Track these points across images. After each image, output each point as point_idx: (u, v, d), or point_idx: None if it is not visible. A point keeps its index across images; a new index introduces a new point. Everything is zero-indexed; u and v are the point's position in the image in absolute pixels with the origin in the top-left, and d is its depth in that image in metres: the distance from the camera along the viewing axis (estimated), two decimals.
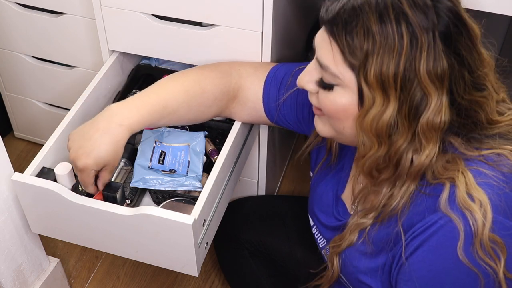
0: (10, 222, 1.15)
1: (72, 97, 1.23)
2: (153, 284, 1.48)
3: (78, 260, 1.53)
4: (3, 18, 1.45)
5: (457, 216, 0.76)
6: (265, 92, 1.10)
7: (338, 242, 0.94)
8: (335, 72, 0.80)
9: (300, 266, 1.25)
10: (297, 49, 1.48)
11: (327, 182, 1.05)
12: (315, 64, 0.85)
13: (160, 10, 1.18)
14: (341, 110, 0.83)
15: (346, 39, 0.78)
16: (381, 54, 0.76)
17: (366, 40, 0.76)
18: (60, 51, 1.46)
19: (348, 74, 0.80)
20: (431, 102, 0.77)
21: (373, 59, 0.76)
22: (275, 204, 1.42)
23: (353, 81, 0.80)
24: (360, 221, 0.90)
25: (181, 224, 0.96)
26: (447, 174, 0.80)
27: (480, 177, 0.79)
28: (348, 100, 0.81)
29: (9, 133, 1.81)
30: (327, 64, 0.81)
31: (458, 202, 0.77)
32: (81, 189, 1.06)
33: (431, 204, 0.80)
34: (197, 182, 1.12)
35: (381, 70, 0.76)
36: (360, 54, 0.77)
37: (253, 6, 1.09)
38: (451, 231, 0.76)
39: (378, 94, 0.78)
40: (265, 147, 1.34)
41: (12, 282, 1.22)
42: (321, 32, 0.83)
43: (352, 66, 0.79)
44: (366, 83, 0.78)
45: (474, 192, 0.77)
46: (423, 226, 0.79)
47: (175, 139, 1.19)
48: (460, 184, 0.78)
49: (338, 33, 0.78)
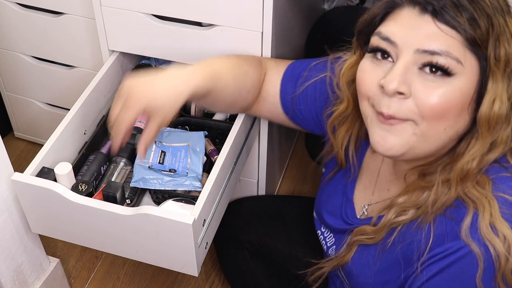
0: (10, 222, 1.15)
1: (72, 97, 1.23)
2: (153, 284, 1.48)
3: (78, 260, 1.53)
4: (3, 18, 1.45)
5: (479, 248, 0.74)
6: (283, 86, 1.08)
7: (371, 235, 0.89)
8: (458, 56, 0.73)
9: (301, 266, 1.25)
10: (297, 49, 1.48)
11: (336, 183, 1.04)
12: (411, 60, 0.75)
13: (160, 10, 1.18)
14: (458, 103, 0.75)
15: (469, 21, 0.73)
16: (503, 35, 0.74)
17: (487, 21, 0.73)
18: (60, 51, 1.46)
19: (470, 57, 0.74)
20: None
21: (500, 39, 0.73)
22: (276, 204, 1.41)
23: (476, 65, 0.75)
24: (396, 219, 0.85)
25: (181, 224, 0.96)
26: (474, 196, 0.77)
27: (505, 207, 0.76)
28: (468, 88, 0.75)
29: (9, 133, 1.81)
30: (447, 49, 0.73)
31: (481, 232, 0.74)
32: (81, 189, 1.06)
33: (452, 229, 0.77)
34: (197, 182, 1.12)
35: (508, 51, 0.74)
36: (485, 34, 0.73)
37: (253, 6, 1.09)
38: (473, 261, 0.74)
39: (500, 78, 0.75)
40: (265, 147, 1.34)
41: (12, 282, 1.22)
42: (411, 17, 0.76)
43: (476, 48, 0.74)
44: (495, 65, 0.74)
45: (498, 225, 0.74)
46: (443, 252, 0.77)
47: (175, 139, 1.19)
48: (485, 213, 0.75)
49: (450, 14, 0.73)
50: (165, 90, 0.91)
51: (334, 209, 1.02)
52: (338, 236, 1.02)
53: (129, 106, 0.90)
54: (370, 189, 0.98)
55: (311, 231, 1.17)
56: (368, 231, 0.90)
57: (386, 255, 0.88)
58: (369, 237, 0.90)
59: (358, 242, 0.92)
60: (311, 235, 1.17)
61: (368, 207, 0.97)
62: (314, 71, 1.05)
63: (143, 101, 0.89)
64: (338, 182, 1.03)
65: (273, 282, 1.29)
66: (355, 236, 0.93)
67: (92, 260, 1.53)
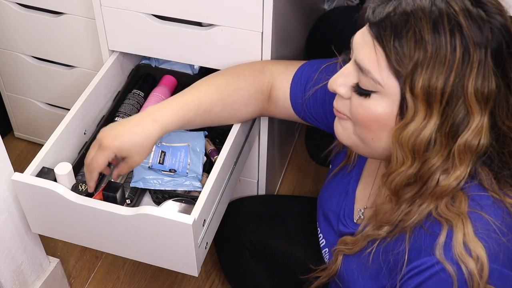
0: (10, 222, 1.15)
1: (72, 97, 1.23)
2: (153, 284, 1.48)
3: (78, 260, 1.53)
4: (3, 18, 1.45)
5: (451, 267, 0.74)
6: (292, 89, 1.09)
7: (349, 246, 0.91)
8: (377, 78, 0.75)
9: (301, 265, 1.25)
10: (297, 49, 1.48)
11: (337, 182, 1.04)
12: (352, 67, 0.80)
13: (160, 10, 1.18)
14: (376, 120, 0.78)
15: (395, 45, 0.73)
16: (432, 65, 0.72)
17: (417, 49, 0.72)
18: (60, 51, 1.46)
19: (391, 81, 0.75)
20: (473, 122, 0.73)
21: (423, 69, 0.72)
22: (276, 203, 1.41)
23: (396, 90, 0.75)
24: (372, 232, 0.87)
25: (181, 224, 0.96)
26: (448, 215, 0.77)
27: (480, 224, 0.75)
28: (386, 109, 0.77)
29: (9, 133, 1.81)
30: (369, 68, 0.76)
31: (454, 252, 0.74)
32: (81, 189, 1.06)
33: (428, 244, 0.77)
34: (197, 182, 1.12)
35: (429, 83, 0.72)
36: (408, 62, 0.73)
37: (253, 6, 1.09)
38: (446, 280, 0.74)
39: (422, 107, 0.73)
40: (265, 147, 1.34)
41: (12, 282, 1.22)
42: (363, 33, 0.78)
43: (397, 74, 0.74)
44: (411, 94, 0.73)
45: (471, 244, 0.74)
46: (420, 266, 0.77)
47: (175, 139, 1.19)
48: (458, 233, 0.75)
49: (386, 38, 0.74)
50: (135, 134, 0.98)
51: (335, 208, 1.02)
52: (329, 238, 1.03)
53: (102, 149, 0.98)
54: (368, 191, 0.98)
55: (311, 231, 1.17)
56: (348, 241, 0.92)
57: (372, 265, 0.88)
58: (348, 247, 0.92)
59: (340, 252, 0.94)
60: (311, 235, 1.17)
61: (364, 210, 0.97)
62: (324, 74, 1.05)
63: (114, 146, 0.97)
64: (341, 180, 1.04)
65: (273, 282, 1.29)
66: (338, 245, 0.95)
67: (92, 260, 1.53)
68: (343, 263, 0.95)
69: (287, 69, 1.11)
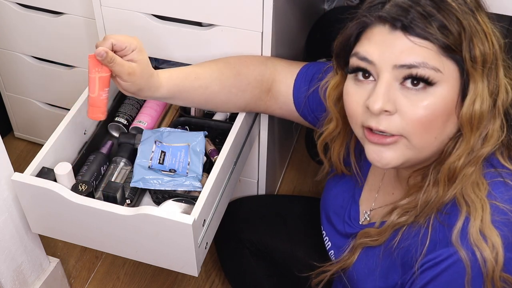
0: (10, 222, 1.15)
1: (72, 97, 1.23)
2: (153, 284, 1.48)
3: (78, 260, 1.53)
4: (3, 18, 1.45)
5: (467, 254, 0.74)
6: (296, 86, 1.10)
7: (375, 237, 0.90)
8: (436, 65, 0.75)
9: (302, 265, 1.24)
10: (297, 49, 1.48)
11: (343, 184, 1.04)
12: (387, 79, 0.77)
13: (160, 10, 1.18)
14: (443, 111, 0.77)
15: (438, 27, 0.74)
16: (476, 35, 0.75)
17: (458, 25, 0.74)
18: (60, 51, 1.46)
19: (448, 63, 0.76)
20: (501, 82, 0.78)
21: (473, 40, 0.75)
22: (276, 203, 1.42)
23: (454, 69, 0.76)
24: (399, 220, 0.86)
25: (181, 224, 0.96)
26: (471, 197, 0.78)
27: (497, 213, 0.76)
28: (449, 94, 0.76)
29: (9, 133, 1.81)
30: (423, 60, 0.74)
31: (470, 238, 0.75)
32: (81, 189, 1.06)
33: (444, 236, 0.78)
34: (197, 182, 1.12)
35: (484, 49, 0.75)
36: (458, 38, 0.74)
37: (253, 6, 1.09)
38: (462, 269, 0.75)
39: (479, 77, 0.76)
40: (265, 147, 1.34)
41: (12, 282, 1.22)
42: (388, 34, 0.77)
43: (451, 53, 0.75)
44: (472, 66, 0.75)
45: (487, 232, 0.75)
46: (434, 259, 0.77)
47: (175, 139, 1.19)
48: (476, 218, 0.76)
49: (424, 24, 0.74)
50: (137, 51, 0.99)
51: (339, 210, 1.02)
52: (335, 240, 1.02)
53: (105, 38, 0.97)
54: (374, 193, 0.98)
55: (311, 231, 1.17)
56: (372, 233, 0.91)
57: (388, 259, 0.88)
58: (373, 239, 0.91)
59: (363, 245, 0.93)
60: (311, 235, 1.17)
61: (370, 212, 0.97)
62: (328, 73, 1.05)
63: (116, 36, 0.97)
64: (347, 183, 1.04)
65: (273, 282, 1.29)
66: (359, 238, 0.94)
67: (92, 260, 1.53)
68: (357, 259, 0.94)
69: (291, 65, 1.12)
